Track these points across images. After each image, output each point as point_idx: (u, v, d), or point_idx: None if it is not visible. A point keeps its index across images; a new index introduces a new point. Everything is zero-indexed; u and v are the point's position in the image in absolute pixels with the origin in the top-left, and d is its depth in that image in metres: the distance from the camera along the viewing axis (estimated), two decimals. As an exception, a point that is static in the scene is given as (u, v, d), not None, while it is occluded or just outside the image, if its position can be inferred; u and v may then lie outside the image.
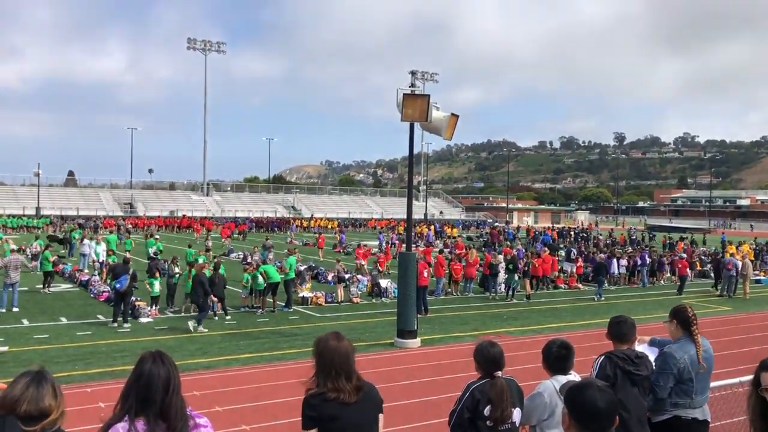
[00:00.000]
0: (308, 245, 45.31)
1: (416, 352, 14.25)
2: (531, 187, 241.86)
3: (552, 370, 4.48)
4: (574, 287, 26.38)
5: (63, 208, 72.86)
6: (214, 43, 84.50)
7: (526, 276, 23.25)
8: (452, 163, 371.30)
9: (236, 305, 19.66)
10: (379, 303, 21.39)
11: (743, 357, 12.88)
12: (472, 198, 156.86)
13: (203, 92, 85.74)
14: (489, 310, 20.32)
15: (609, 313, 19.01)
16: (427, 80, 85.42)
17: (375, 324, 17.51)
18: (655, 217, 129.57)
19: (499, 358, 4.34)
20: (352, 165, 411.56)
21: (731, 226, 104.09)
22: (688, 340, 5.06)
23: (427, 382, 11.75)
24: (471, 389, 4.28)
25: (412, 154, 15.96)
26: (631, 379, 4.62)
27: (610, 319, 5.10)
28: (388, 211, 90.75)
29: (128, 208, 78.42)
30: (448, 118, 14.84)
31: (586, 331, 16.40)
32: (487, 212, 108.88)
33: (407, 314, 14.72)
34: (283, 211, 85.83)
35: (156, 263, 20.89)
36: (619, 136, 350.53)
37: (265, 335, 15.79)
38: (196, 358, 13.08)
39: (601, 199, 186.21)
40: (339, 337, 3.78)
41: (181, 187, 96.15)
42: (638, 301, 23.26)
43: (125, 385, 3.02)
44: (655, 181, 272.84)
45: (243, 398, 10.50)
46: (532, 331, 16.95)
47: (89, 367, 12.28)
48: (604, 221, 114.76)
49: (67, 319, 17.18)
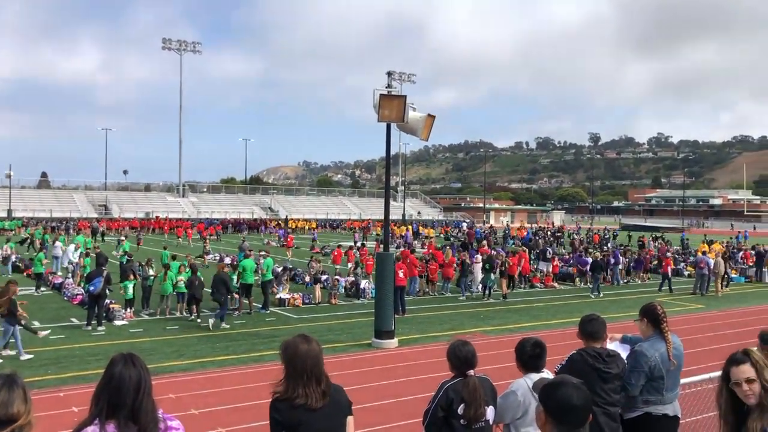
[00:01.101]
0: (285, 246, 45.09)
1: (394, 353, 14.28)
2: (508, 188, 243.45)
3: (526, 368, 4.53)
4: (550, 286, 26.62)
5: (36, 210, 71.83)
6: (189, 43, 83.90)
7: (503, 275, 23.40)
8: (430, 163, 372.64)
9: (212, 307, 19.52)
10: (357, 304, 21.39)
11: (714, 354, 13.09)
12: (450, 198, 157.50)
13: (179, 93, 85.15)
14: (466, 310, 20.42)
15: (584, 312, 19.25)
16: (404, 81, 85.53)
17: (353, 325, 17.51)
18: (629, 216, 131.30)
19: (471, 357, 4.38)
20: (330, 166, 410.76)
21: (704, 225, 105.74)
22: (658, 338, 5.14)
23: (404, 382, 11.77)
24: (444, 388, 4.31)
25: (389, 155, 16.00)
26: (602, 377, 4.69)
27: (582, 317, 5.18)
28: (366, 212, 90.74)
29: (103, 209, 77.48)
30: (425, 118, 14.89)
31: (562, 330, 16.54)
32: (465, 212, 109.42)
33: (384, 315, 14.74)
34: (260, 212, 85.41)
35: (130, 265, 20.68)
36: (594, 136, 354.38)
37: (242, 337, 15.71)
38: (172, 361, 12.97)
39: (576, 199, 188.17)
40: (308, 340, 3.72)
41: (157, 188, 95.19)
42: (615, 299, 23.51)
43: (96, 387, 2.99)
44: (630, 181, 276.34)
45: (219, 401, 10.43)
46: (508, 330, 17.06)
47: (63, 371, 12.12)
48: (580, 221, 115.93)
49: (40, 323, 16.89)
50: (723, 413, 3.59)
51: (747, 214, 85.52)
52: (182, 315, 18.25)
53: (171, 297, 18.63)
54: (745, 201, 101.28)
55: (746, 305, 22.78)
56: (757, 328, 6.07)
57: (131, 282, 18.31)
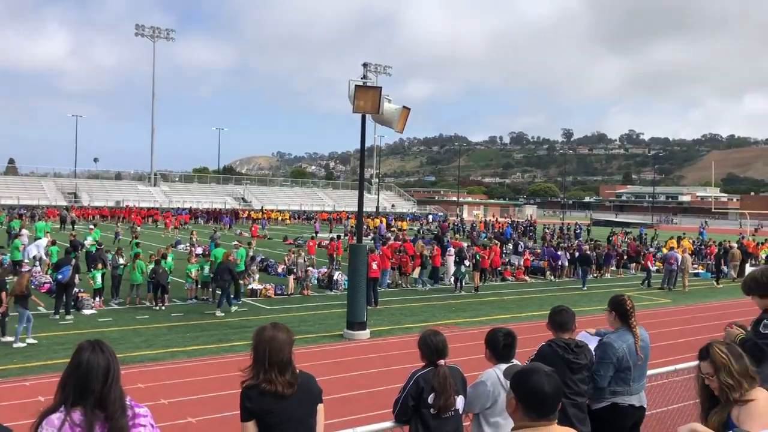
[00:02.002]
0: (258, 237, 44.87)
1: (365, 344, 14.30)
2: (481, 182, 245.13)
3: (497, 358, 4.56)
4: (521, 279, 26.86)
5: (2, 196, 70.42)
6: (162, 30, 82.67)
7: (476, 268, 23.54)
8: (404, 156, 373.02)
9: (182, 297, 19.38)
10: (329, 295, 21.36)
11: (681, 347, 13.36)
12: (424, 192, 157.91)
13: (151, 80, 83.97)
14: (438, 302, 20.52)
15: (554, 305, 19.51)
16: (379, 73, 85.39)
17: (325, 316, 17.49)
18: (600, 212, 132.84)
19: (442, 347, 4.40)
20: (305, 157, 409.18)
21: (673, 222, 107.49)
22: (626, 330, 5.21)
23: (376, 373, 11.81)
24: (415, 377, 4.33)
25: (364, 146, 15.98)
26: (570, 368, 4.75)
27: (551, 309, 5.23)
28: (340, 204, 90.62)
29: (72, 197, 76.24)
30: (400, 110, 14.90)
31: (531, 322, 16.70)
32: (439, 206, 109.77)
33: (357, 306, 14.75)
34: (232, 202, 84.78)
35: (99, 254, 20.38)
36: (566, 132, 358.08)
37: (213, 327, 15.61)
38: (142, 350, 12.83)
39: (548, 194, 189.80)
40: (277, 328, 3.70)
41: (128, 177, 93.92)
42: (584, 293, 23.79)
43: (63, 374, 2.95)
44: (601, 176, 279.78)
45: (189, 391, 10.36)
46: (480, 322, 17.18)
47: (28, 360, 11.93)
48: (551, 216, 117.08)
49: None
50: (701, 400, 3.86)
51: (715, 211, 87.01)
52: (150, 304, 18.06)
53: (141, 286, 18.42)
54: (713, 198, 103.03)
55: (712, 300, 23.24)
56: (723, 323, 6.19)
57: (100, 271, 18.06)
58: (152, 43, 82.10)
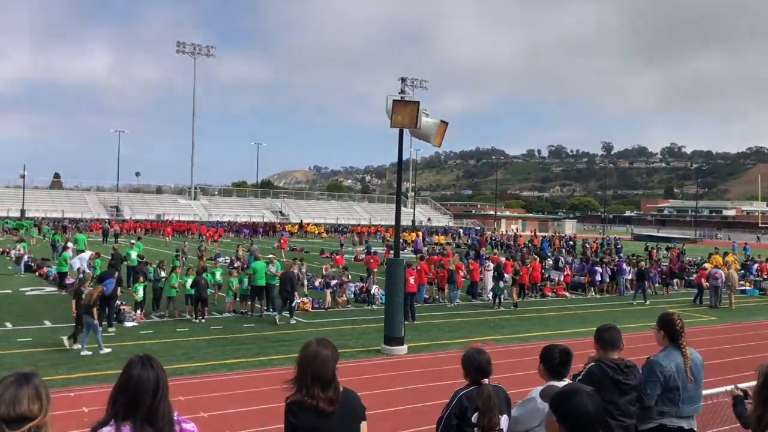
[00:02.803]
0: (295, 250, 45.21)
1: (403, 359, 14.22)
2: (519, 195, 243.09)
3: (551, 375, 4.47)
4: (562, 296, 26.47)
5: (48, 210, 72.37)
6: (203, 47, 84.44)
7: (514, 284, 23.30)
8: (440, 170, 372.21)
9: (220, 309, 19.58)
10: (367, 309, 21.35)
11: (728, 367, 12.97)
12: (460, 205, 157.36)
13: (191, 96, 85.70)
14: (476, 318, 20.33)
15: (595, 322, 19.07)
16: (416, 87, 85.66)
17: (362, 330, 17.47)
18: (641, 226, 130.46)
19: (486, 365, 4.33)
20: (341, 171, 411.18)
21: (717, 236, 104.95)
22: (674, 349, 5.07)
23: (414, 389, 11.71)
24: (459, 396, 4.26)
25: (401, 161, 15.97)
26: (620, 389, 4.62)
27: (599, 326, 5.10)
28: (376, 218, 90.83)
29: (114, 211, 77.92)
30: (438, 124, 14.87)
31: (572, 339, 16.41)
32: (475, 219, 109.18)
33: (394, 321, 14.69)
34: (270, 215, 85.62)
35: (141, 267, 20.76)
36: (606, 145, 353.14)
37: (252, 340, 15.71)
38: (182, 363, 12.97)
39: (588, 208, 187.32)
40: (322, 344, 3.69)
41: (168, 190, 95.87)
42: (626, 310, 23.33)
43: (113, 388, 2.97)
44: (642, 190, 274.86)
45: (229, 404, 10.42)
46: (518, 339, 16.96)
47: (72, 372, 12.15)
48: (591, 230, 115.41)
49: (51, 323, 17.01)
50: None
51: (762, 226, 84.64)
52: (190, 317, 18.27)
53: (177, 299, 18.66)
54: (759, 213, 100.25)
55: (760, 318, 22.54)
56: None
57: (141, 284, 18.36)
58: (193, 59, 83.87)
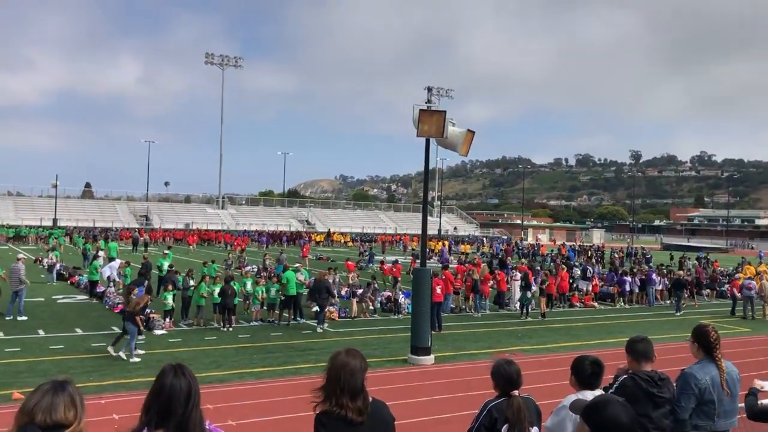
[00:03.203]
0: (321, 259, 45.38)
1: (430, 369, 14.15)
2: (546, 204, 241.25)
3: (582, 385, 4.42)
4: (590, 306, 26.17)
5: (79, 219, 73.60)
6: (231, 57, 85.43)
7: (542, 294, 23.09)
8: (466, 179, 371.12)
9: (247, 318, 19.70)
10: (393, 319, 21.32)
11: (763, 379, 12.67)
12: (487, 214, 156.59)
13: (218, 106, 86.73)
14: (503, 328, 20.18)
15: (624, 333, 18.85)
16: (442, 96, 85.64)
17: (389, 340, 17.43)
18: (671, 236, 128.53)
19: (516, 376, 4.30)
20: (366, 180, 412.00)
21: (749, 246, 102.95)
22: (709, 362, 4.97)
23: (441, 400, 11.65)
24: (488, 407, 4.23)
25: (428, 171, 15.95)
26: (654, 401, 4.53)
27: (631, 337, 5.02)
28: (402, 227, 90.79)
29: (144, 220, 78.99)
30: (465, 134, 14.82)
31: (601, 350, 16.20)
32: (502, 229, 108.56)
33: (421, 331, 14.63)
34: (297, 224, 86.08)
35: (170, 276, 21.00)
36: (635, 154, 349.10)
37: (278, 349, 15.77)
38: (210, 371, 13.07)
39: (616, 218, 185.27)
40: (350, 354, 3.70)
41: (197, 200, 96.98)
42: (655, 320, 22.98)
43: (146, 397, 3.01)
44: (672, 199, 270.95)
45: (257, 412, 10.46)
46: (546, 349, 16.80)
47: (104, 379, 12.30)
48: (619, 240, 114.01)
49: (83, 330, 17.27)
50: None
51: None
52: (218, 325, 18.42)
53: (205, 308, 18.80)
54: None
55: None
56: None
57: (171, 293, 18.56)
58: (221, 70, 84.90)
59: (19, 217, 70.83)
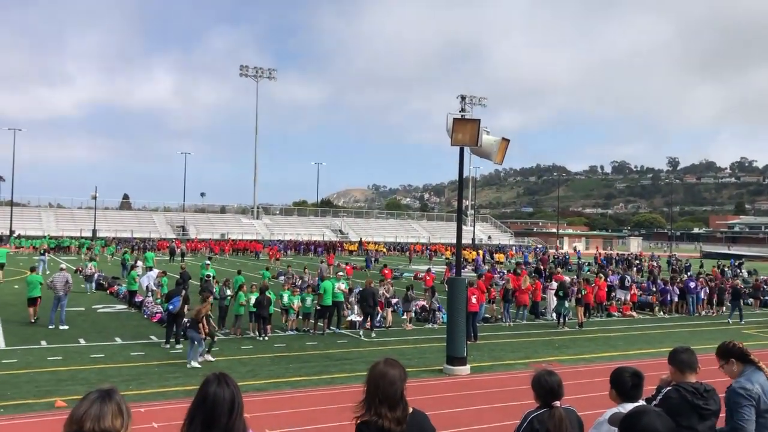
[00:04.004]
0: (356, 269, 45.46)
1: (466, 380, 14.04)
2: (582, 213, 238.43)
3: (623, 397, 4.33)
4: (628, 315, 25.70)
5: (118, 230, 74.97)
6: (265, 69, 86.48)
7: (579, 303, 22.76)
8: (500, 187, 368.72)
9: (282, 327, 19.80)
10: (428, 328, 21.22)
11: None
12: (521, 223, 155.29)
13: (252, 117, 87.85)
14: (540, 338, 19.94)
15: (664, 343, 18.51)
16: (474, 104, 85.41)
17: (424, 350, 17.36)
18: (711, 243, 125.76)
19: (557, 387, 4.23)
20: (399, 189, 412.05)
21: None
22: (753, 370, 4.77)
23: (478, 410, 11.54)
24: (529, 418, 4.17)
25: (462, 179, 15.90)
26: (700, 414, 4.40)
27: (675, 348, 4.89)
28: (435, 236, 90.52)
29: (180, 230, 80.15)
30: (499, 142, 14.74)
31: (641, 360, 15.90)
32: (537, 237, 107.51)
33: (456, 340, 14.54)
34: (330, 234, 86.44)
35: (207, 285, 21.24)
36: (672, 160, 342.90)
37: (314, 359, 15.81)
38: (247, 380, 13.15)
39: (654, 225, 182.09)
40: (389, 364, 3.70)
41: (232, 210, 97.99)
42: (695, 330, 22.48)
43: (190, 406, 3.03)
44: (711, 206, 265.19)
45: (293, 422, 10.49)
46: (584, 360, 16.55)
47: (143, 387, 12.47)
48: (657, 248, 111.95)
49: (122, 340, 17.55)
50: None
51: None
52: (254, 335, 18.55)
53: (243, 317, 18.96)
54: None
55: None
56: None
57: (208, 302, 18.73)
58: (255, 82, 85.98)
59: (60, 228, 72.47)
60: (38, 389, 12.15)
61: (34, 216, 77.30)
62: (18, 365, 14.12)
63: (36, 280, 20.20)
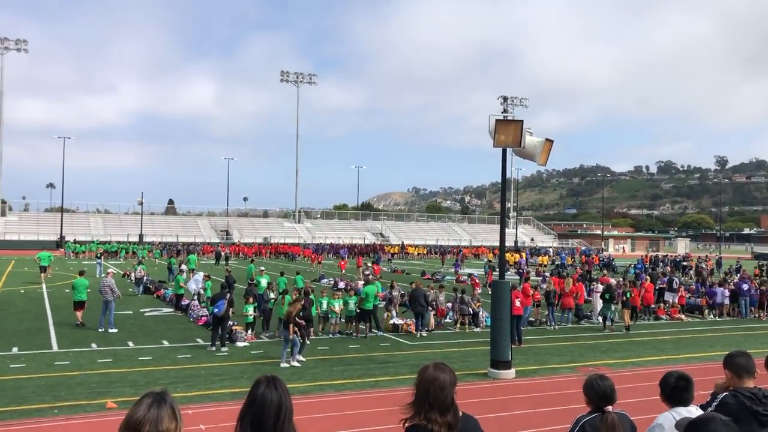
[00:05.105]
0: (397, 272, 45.46)
1: (511, 384, 13.89)
2: (627, 214, 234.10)
3: (670, 401, 4.23)
4: (677, 318, 25.10)
5: (164, 234, 76.48)
6: (305, 75, 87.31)
7: (625, 306, 22.30)
8: (543, 188, 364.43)
9: (328, 331, 19.89)
10: (470, 332, 21.07)
11: None
12: (564, 225, 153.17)
13: (292, 122, 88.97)
14: (586, 342, 19.61)
15: (715, 347, 18.03)
16: (516, 105, 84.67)
17: (468, 353, 17.23)
18: (762, 244, 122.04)
19: (610, 392, 4.14)
20: (439, 192, 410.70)
21: None
22: None
23: (524, 415, 11.40)
24: (581, 423, 4.08)
25: (505, 181, 15.74)
26: (760, 420, 4.24)
27: (731, 351, 4.74)
28: (477, 238, 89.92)
29: (224, 234, 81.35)
30: (543, 143, 14.56)
31: (690, 364, 15.51)
32: (581, 239, 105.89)
33: (501, 344, 14.39)
34: (371, 237, 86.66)
35: (251, 288, 21.49)
36: (720, 159, 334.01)
37: (358, 362, 15.84)
38: (291, 383, 13.23)
39: (702, 226, 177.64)
40: (439, 368, 3.66)
41: (274, 214, 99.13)
42: (748, 334, 21.83)
43: (241, 408, 3.07)
44: (762, 206, 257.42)
45: (339, 425, 10.51)
46: (631, 363, 16.21)
47: (190, 390, 12.66)
48: (706, 249, 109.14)
49: (169, 342, 17.86)
50: None
51: None
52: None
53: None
54: None
55: None
56: None
57: (252, 305, 18.96)
58: (296, 87, 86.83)
59: (107, 233, 74.32)
60: (90, 391, 12.44)
61: (82, 221, 79.48)
62: (70, 367, 14.50)
63: (82, 284, 20.69)
